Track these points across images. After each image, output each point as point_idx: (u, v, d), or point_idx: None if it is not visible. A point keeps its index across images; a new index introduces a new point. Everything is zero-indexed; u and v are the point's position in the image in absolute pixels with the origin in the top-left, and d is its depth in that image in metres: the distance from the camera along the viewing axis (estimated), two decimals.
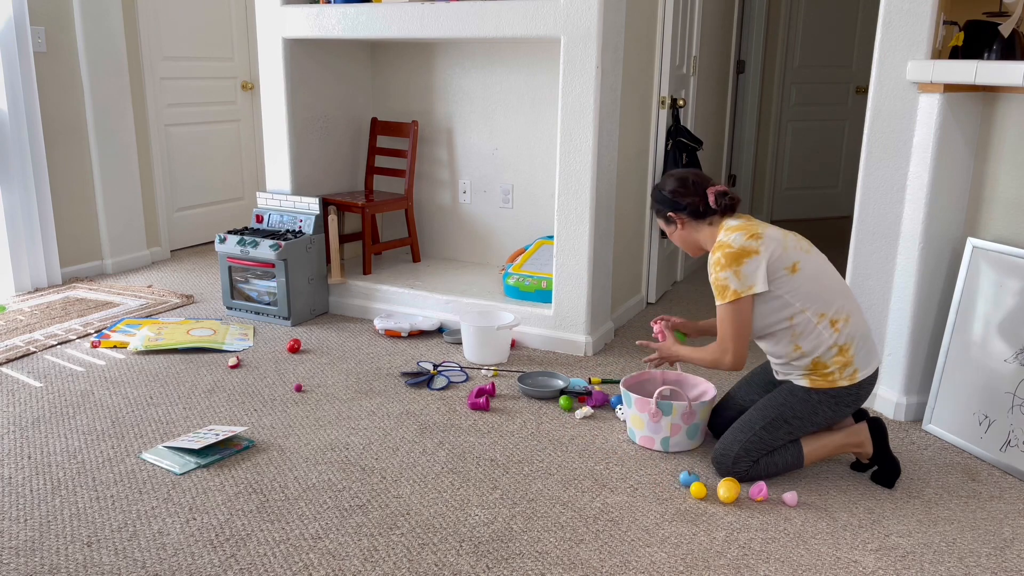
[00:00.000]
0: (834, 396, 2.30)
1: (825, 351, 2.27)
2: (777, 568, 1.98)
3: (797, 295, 2.26)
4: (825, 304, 2.27)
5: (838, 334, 2.27)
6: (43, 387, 3.01)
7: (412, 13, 3.42)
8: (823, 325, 2.27)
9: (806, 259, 2.29)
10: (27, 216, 4.15)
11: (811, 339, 2.28)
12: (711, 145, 4.96)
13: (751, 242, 2.26)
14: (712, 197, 2.36)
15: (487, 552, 2.03)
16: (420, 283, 3.86)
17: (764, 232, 2.29)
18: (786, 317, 2.27)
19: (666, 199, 2.42)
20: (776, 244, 2.27)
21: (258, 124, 5.57)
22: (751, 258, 2.24)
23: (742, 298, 2.25)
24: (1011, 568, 2.00)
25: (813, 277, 2.28)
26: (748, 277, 2.24)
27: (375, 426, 2.73)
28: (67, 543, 2.05)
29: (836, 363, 2.28)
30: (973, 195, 2.68)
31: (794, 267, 2.26)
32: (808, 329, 2.27)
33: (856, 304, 2.34)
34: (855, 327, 2.29)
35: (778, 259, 2.26)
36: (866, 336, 2.32)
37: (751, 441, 2.34)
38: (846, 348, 2.28)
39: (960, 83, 2.49)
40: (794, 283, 2.26)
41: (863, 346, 2.30)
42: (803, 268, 2.27)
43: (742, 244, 2.26)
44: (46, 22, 4.20)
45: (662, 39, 3.86)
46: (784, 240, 2.30)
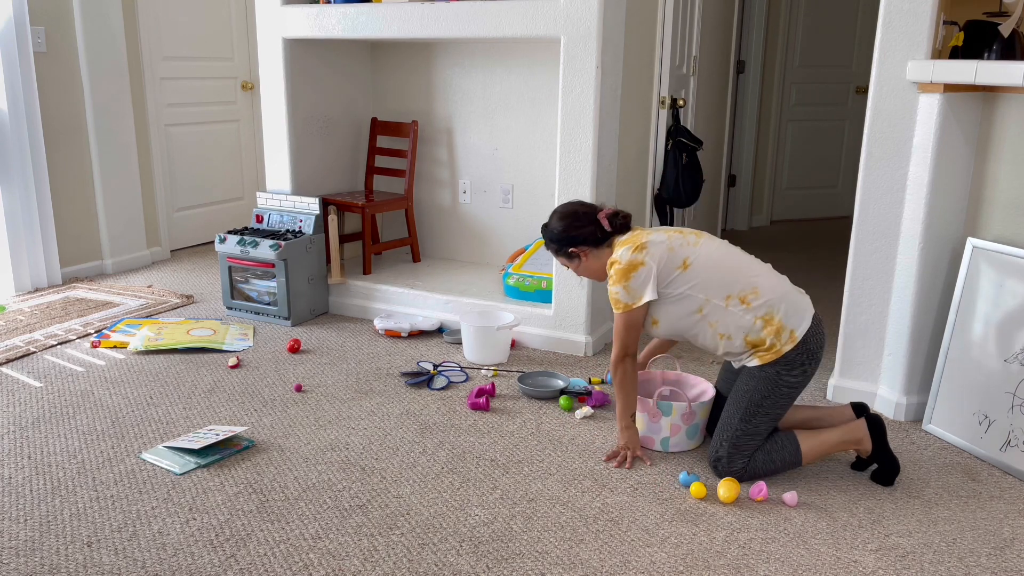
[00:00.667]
0: (787, 363, 2.32)
1: (750, 328, 2.32)
2: (777, 568, 1.98)
3: (696, 288, 2.34)
4: (727, 287, 2.33)
5: (752, 308, 2.31)
6: (43, 387, 3.01)
7: (412, 13, 3.42)
8: (733, 306, 2.32)
9: (695, 252, 2.37)
10: (27, 216, 4.15)
11: (729, 323, 2.33)
12: (711, 145, 4.96)
13: (636, 255, 2.35)
14: (605, 222, 2.46)
15: (487, 552, 2.03)
16: (420, 283, 3.86)
17: (648, 240, 2.38)
18: (695, 310, 2.35)
19: (563, 237, 2.49)
20: (661, 248, 2.36)
21: (258, 124, 5.57)
22: (638, 271, 2.35)
23: (634, 308, 2.37)
24: (1011, 568, 2.00)
25: (706, 267, 2.35)
26: (637, 290, 2.35)
27: (375, 426, 2.73)
28: (67, 543, 2.05)
29: (768, 333, 2.31)
30: (973, 195, 2.68)
31: (684, 264, 2.35)
32: (720, 315, 2.33)
33: (764, 272, 2.38)
34: (768, 294, 2.33)
35: (667, 263, 2.35)
36: (784, 296, 2.34)
37: (736, 436, 2.36)
38: (769, 317, 2.31)
39: (960, 83, 2.49)
40: (689, 278, 2.34)
41: (786, 307, 2.32)
42: (694, 262, 2.35)
43: (629, 259, 2.35)
44: (46, 22, 4.20)
45: (662, 39, 3.86)
46: (669, 242, 2.38)
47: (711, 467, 2.42)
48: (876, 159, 2.75)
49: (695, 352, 3.46)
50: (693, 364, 3.32)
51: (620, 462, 2.49)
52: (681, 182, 4.00)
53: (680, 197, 4.02)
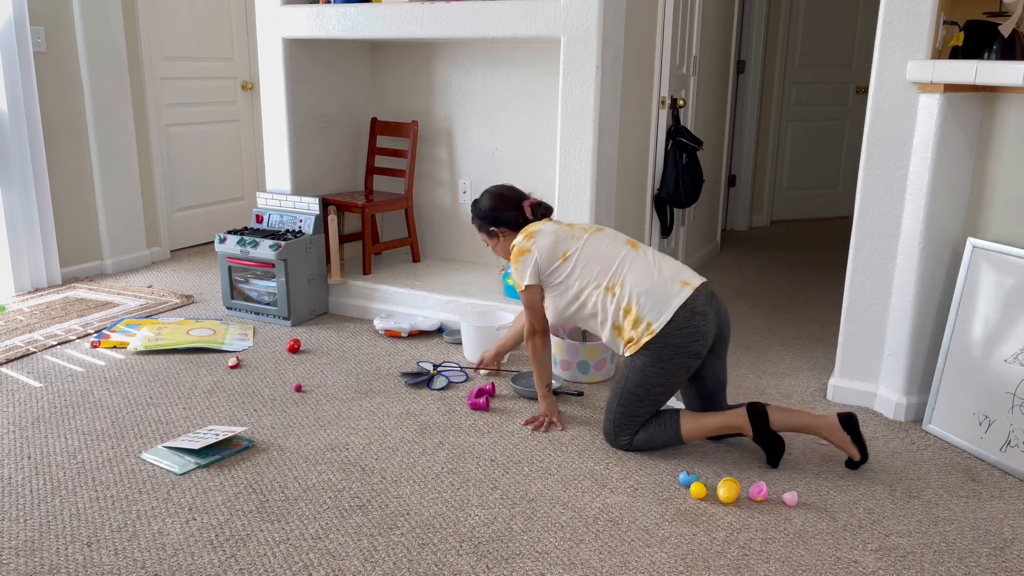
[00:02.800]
0: (650, 354, 2.42)
1: (614, 314, 2.47)
2: (777, 568, 1.98)
3: (574, 277, 2.53)
4: (599, 278, 2.50)
5: (615, 297, 2.47)
6: (43, 387, 3.01)
7: (412, 13, 3.42)
8: (603, 295, 2.49)
9: (576, 245, 2.56)
10: (27, 216, 4.15)
11: (600, 310, 2.50)
12: (711, 145, 4.96)
13: (525, 242, 2.60)
14: (528, 210, 2.70)
15: (487, 552, 2.03)
16: (420, 283, 3.86)
17: (537, 230, 2.60)
18: (573, 297, 2.54)
19: (489, 216, 2.73)
20: (546, 239, 2.57)
21: (258, 124, 5.57)
22: (524, 256, 2.58)
23: (522, 290, 2.60)
24: (1011, 568, 2.00)
25: (584, 260, 2.53)
26: (522, 273, 2.59)
27: (375, 426, 2.73)
28: (67, 543, 2.05)
29: (628, 322, 2.45)
30: (973, 195, 2.68)
31: (564, 256, 2.55)
32: (593, 302, 2.51)
33: (638, 266, 2.49)
34: (632, 287, 2.45)
35: (549, 254, 2.56)
36: (649, 291, 2.44)
37: (618, 418, 2.53)
38: (628, 308, 2.45)
39: (960, 83, 2.49)
40: (568, 269, 2.54)
41: (647, 300, 2.43)
42: (573, 255, 2.54)
43: (520, 245, 2.61)
44: (46, 22, 4.20)
45: (662, 39, 3.86)
46: (556, 234, 2.58)
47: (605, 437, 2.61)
48: (876, 159, 2.75)
49: None
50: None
51: (537, 426, 2.71)
52: (681, 182, 4.00)
53: (680, 197, 4.02)
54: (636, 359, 2.45)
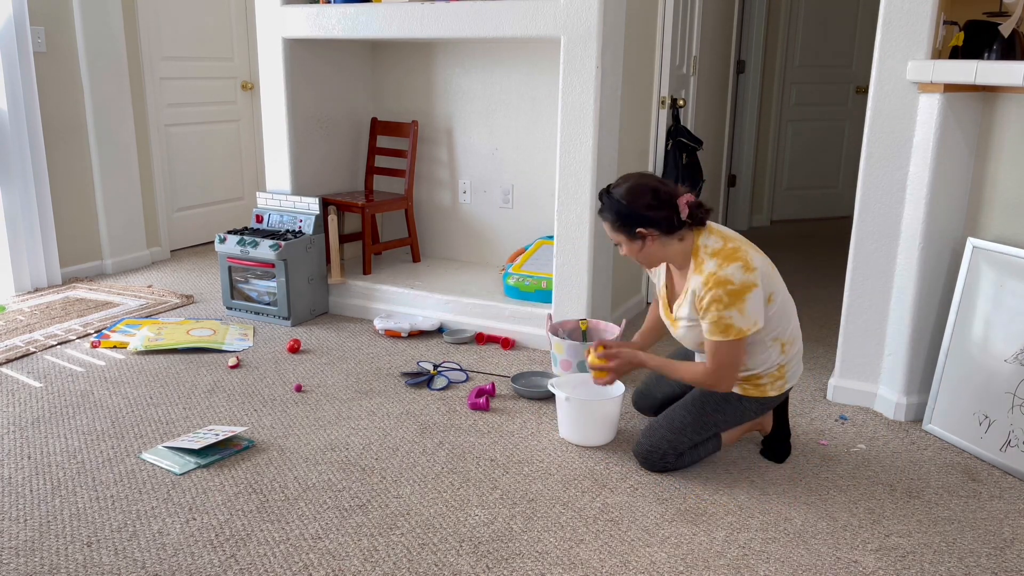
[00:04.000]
0: (762, 403, 2.39)
1: (766, 368, 2.33)
2: (777, 568, 1.98)
3: (769, 323, 2.25)
4: (781, 328, 2.30)
5: (785, 356, 2.33)
6: (43, 387, 3.01)
7: (412, 13, 3.42)
8: (774, 347, 2.30)
9: (779, 287, 2.29)
10: (27, 216, 4.15)
11: (759, 357, 2.31)
12: (711, 145, 4.96)
13: (749, 276, 2.17)
14: (685, 209, 2.21)
15: (487, 552, 2.03)
16: (420, 283, 3.86)
17: (752, 262, 2.20)
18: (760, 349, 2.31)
19: (633, 214, 2.20)
20: (762, 275, 2.22)
21: (258, 124, 5.57)
22: (751, 293, 2.16)
23: (747, 334, 2.18)
24: (1011, 568, 2.00)
25: (781, 305, 2.28)
26: (751, 315, 2.16)
27: (375, 426, 2.73)
28: (67, 543, 2.05)
29: (770, 378, 2.35)
30: (973, 195, 2.68)
31: (771, 297, 2.24)
32: (759, 348, 2.29)
33: (797, 322, 2.40)
34: (797, 347, 2.37)
35: (764, 288, 2.22)
36: (800, 352, 2.41)
37: (680, 440, 2.36)
38: (784, 367, 2.36)
39: (960, 83, 2.49)
40: (767, 312, 2.23)
41: (797, 364, 2.41)
42: (776, 297, 2.27)
43: (743, 280, 2.16)
44: (46, 22, 4.20)
45: (662, 39, 3.86)
46: (764, 267, 2.26)
47: (639, 457, 2.41)
48: (876, 159, 2.75)
49: None
50: None
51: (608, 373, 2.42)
52: (681, 182, 4.00)
53: None
54: (743, 400, 2.35)
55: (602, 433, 2.57)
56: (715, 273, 2.17)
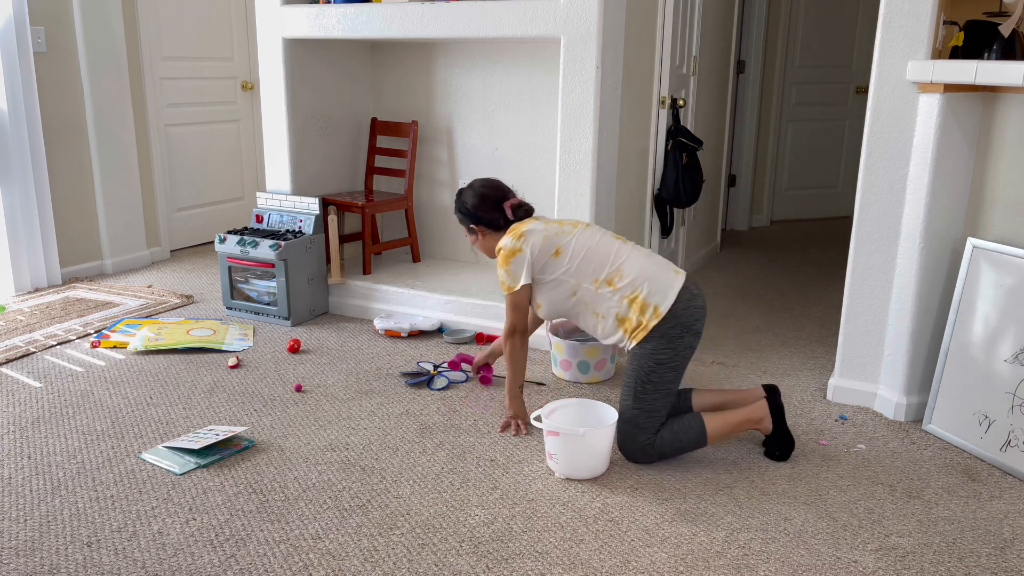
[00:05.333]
0: (659, 336, 2.44)
1: (618, 307, 2.49)
2: (777, 568, 1.98)
3: (568, 273, 2.54)
4: (595, 272, 2.52)
5: (617, 289, 2.49)
6: (43, 387, 3.01)
7: (412, 13, 3.42)
8: (602, 289, 2.51)
9: (568, 240, 2.56)
10: (27, 216, 4.15)
11: (600, 304, 2.52)
12: (711, 145, 4.96)
13: (516, 242, 2.58)
14: (509, 211, 2.69)
15: (487, 552, 2.03)
16: (420, 283, 3.86)
17: (527, 229, 2.59)
18: (569, 294, 2.56)
19: (470, 214, 2.73)
20: (537, 237, 2.57)
21: (258, 124, 5.57)
22: (516, 257, 2.57)
23: (516, 290, 2.59)
24: (1011, 568, 2.00)
25: (577, 254, 2.54)
26: (515, 274, 2.58)
27: (375, 426, 2.73)
28: (67, 543, 2.05)
29: (634, 310, 2.47)
30: (973, 195, 2.68)
31: (557, 252, 2.55)
32: (592, 298, 2.53)
33: (631, 256, 2.53)
34: (631, 275, 2.49)
35: (541, 251, 2.56)
36: (649, 276, 2.49)
37: (634, 416, 2.47)
38: (634, 296, 2.47)
39: (960, 83, 2.49)
40: (560, 264, 2.55)
41: (649, 285, 2.47)
42: (565, 250, 2.55)
43: (510, 246, 2.59)
44: (46, 22, 4.20)
45: (662, 39, 3.86)
46: (546, 231, 2.59)
47: (622, 451, 2.52)
48: (876, 159, 2.75)
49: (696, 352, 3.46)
50: (693, 364, 3.32)
51: (516, 431, 2.70)
52: (681, 182, 4.00)
53: (680, 197, 4.02)
54: (644, 346, 2.45)
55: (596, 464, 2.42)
56: (500, 244, 2.65)
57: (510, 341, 2.66)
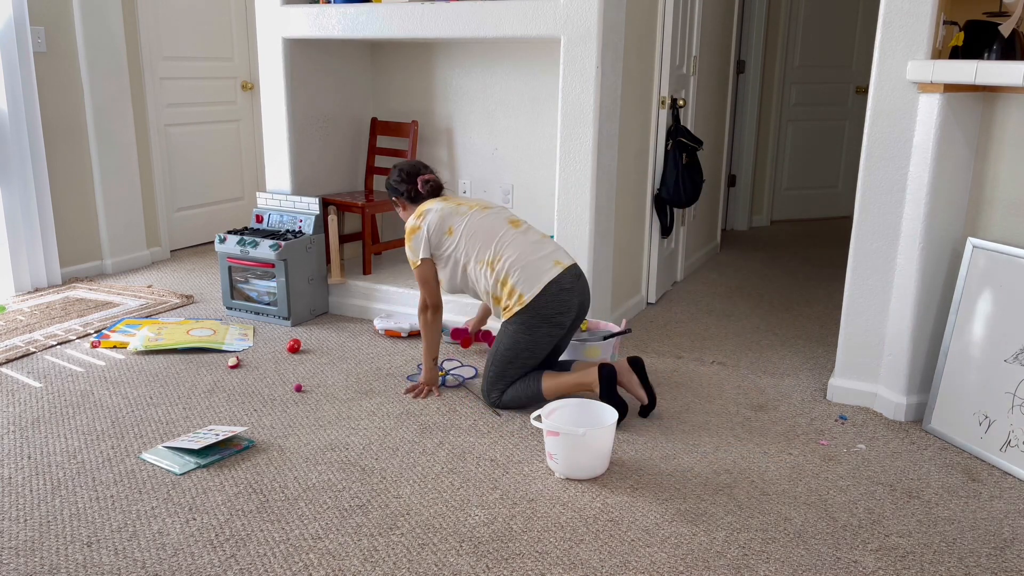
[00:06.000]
0: (521, 321, 2.70)
1: (493, 286, 2.75)
2: (777, 568, 1.98)
3: (459, 251, 2.80)
4: (482, 251, 2.76)
5: (494, 272, 2.73)
6: (43, 387, 3.01)
7: (412, 13, 3.42)
8: (483, 269, 2.76)
9: (460, 221, 2.81)
10: (27, 216, 4.15)
11: (480, 283, 2.79)
12: (711, 145, 4.96)
13: (415, 220, 2.86)
14: (420, 184, 2.97)
15: (487, 552, 2.03)
16: None
17: (426, 208, 2.87)
18: (460, 271, 2.82)
19: (390, 187, 3.03)
20: (434, 216, 2.84)
21: (258, 124, 5.57)
22: (416, 234, 2.85)
23: (418, 264, 2.85)
24: (1011, 568, 2.00)
25: (466, 234, 2.79)
26: (415, 249, 2.85)
27: (375, 426, 2.73)
28: (67, 543, 2.05)
29: (504, 292, 2.72)
30: (973, 195, 2.68)
31: (450, 231, 2.81)
32: (475, 275, 2.79)
33: (516, 242, 2.74)
34: (510, 262, 2.71)
35: (436, 228, 2.82)
36: (524, 267, 2.70)
37: (491, 377, 2.80)
38: (505, 280, 2.71)
39: (960, 83, 2.49)
40: (453, 243, 2.81)
41: (522, 275, 2.69)
42: (458, 230, 2.81)
43: (411, 223, 2.87)
44: (46, 22, 4.20)
45: (662, 39, 3.86)
46: (443, 210, 2.84)
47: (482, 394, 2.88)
48: (876, 159, 2.75)
49: (695, 352, 3.46)
50: (693, 364, 3.32)
51: (416, 394, 2.95)
52: (681, 182, 4.00)
53: (680, 197, 4.02)
54: (509, 325, 2.73)
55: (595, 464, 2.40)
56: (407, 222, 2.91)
57: (422, 317, 2.90)
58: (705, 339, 3.64)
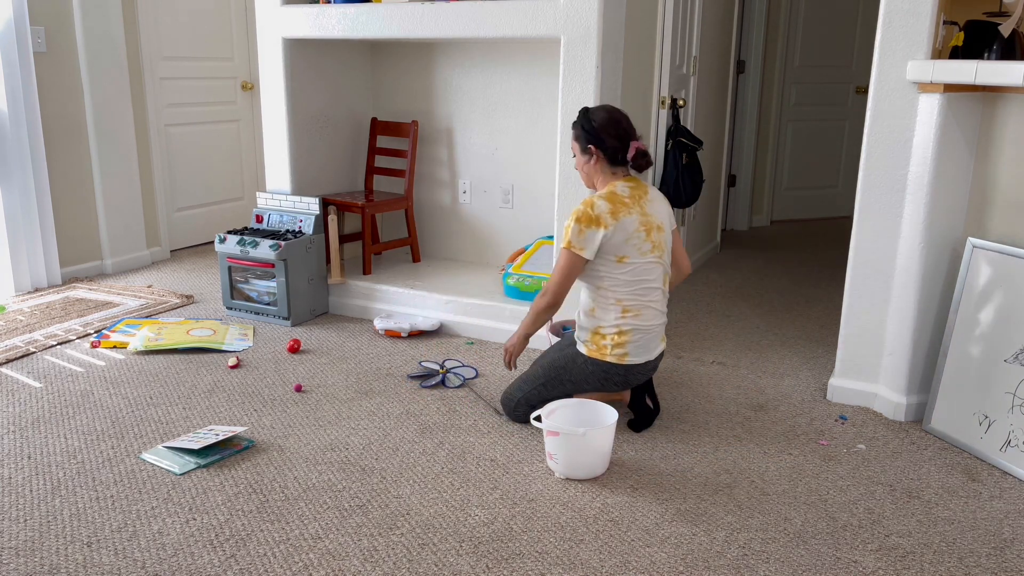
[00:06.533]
0: (604, 369, 2.58)
1: (608, 325, 2.55)
2: (777, 568, 1.98)
3: (613, 280, 2.53)
4: (630, 297, 2.55)
5: (623, 320, 2.55)
6: (43, 387, 3.01)
7: (412, 13, 3.42)
8: (618, 308, 2.55)
9: (639, 260, 2.53)
10: (27, 216, 4.15)
11: (603, 311, 2.56)
12: (711, 145, 4.96)
13: (607, 217, 2.48)
14: (633, 150, 2.55)
15: (487, 552, 2.03)
16: (420, 283, 3.86)
17: (624, 218, 2.49)
18: (596, 288, 2.57)
19: (593, 132, 2.56)
20: (620, 233, 2.49)
21: (258, 124, 5.57)
22: (593, 228, 2.48)
23: (572, 251, 2.50)
24: (1011, 568, 2.00)
25: (634, 276, 2.53)
26: (583, 242, 2.49)
27: (375, 426, 2.73)
28: (67, 543, 2.05)
29: (612, 339, 2.56)
30: (973, 195, 2.68)
31: (621, 259, 2.52)
32: (605, 303, 2.56)
33: (658, 310, 2.60)
34: (640, 323, 2.56)
35: (614, 245, 2.49)
36: (648, 334, 2.58)
37: (532, 393, 2.67)
38: (624, 333, 2.55)
39: (960, 83, 2.49)
40: (614, 270, 2.52)
41: (640, 341, 2.57)
42: (629, 264, 2.52)
43: (599, 212, 2.48)
44: (46, 22, 4.20)
45: (662, 39, 3.86)
46: (632, 235, 2.50)
47: (501, 401, 2.76)
48: (876, 159, 2.75)
49: (695, 352, 3.46)
50: (693, 364, 3.32)
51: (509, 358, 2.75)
52: (681, 182, 4.00)
53: (680, 197, 4.02)
54: (588, 364, 2.60)
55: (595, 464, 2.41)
56: (593, 197, 2.53)
57: (538, 302, 2.61)
58: (705, 339, 3.64)
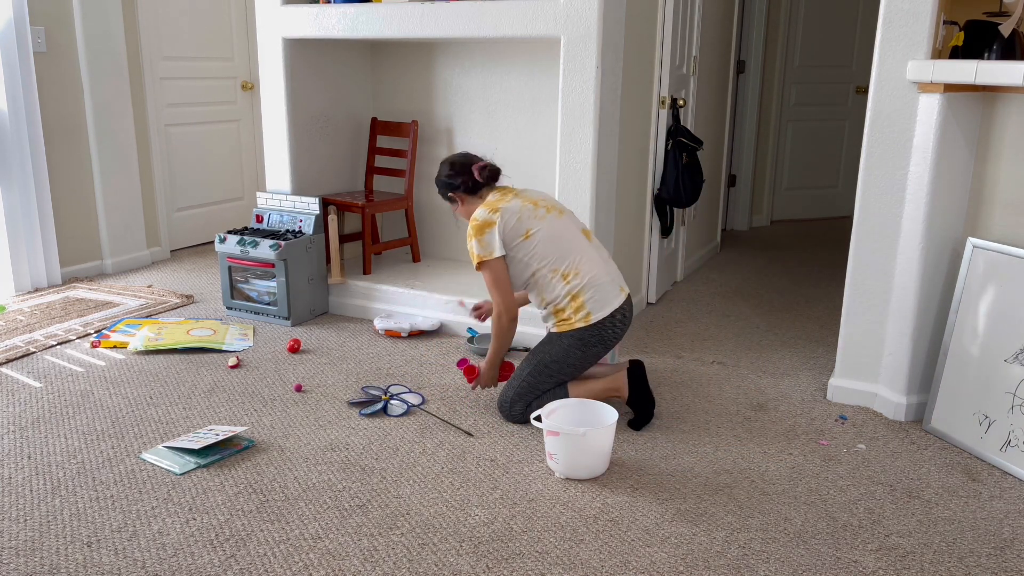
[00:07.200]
0: (578, 337, 2.65)
1: (560, 299, 2.66)
2: (777, 568, 1.98)
3: (533, 257, 2.65)
4: (558, 261, 2.65)
5: (568, 285, 2.64)
6: (43, 387, 3.01)
7: (412, 13, 3.42)
8: (556, 278, 2.65)
9: (540, 225, 2.66)
10: (27, 216, 4.15)
11: (549, 291, 2.67)
12: (711, 145, 4.96)
13: (490, 215, 2.66)
14: (476, 173, 2.76)
15: (487, 552, 2.03)
16: (420, 283, 3.86)
17: (503, 205, 2.67)
18: (529, 275, 2.68)
19: (444, 183, 2.81)
20: (511, 215, 2.65)
21: (258, 124, 5.57)
22: (489, 230, 2.65)
23: (487, 261, 2.66)
24: (1011, 568, 2.00)
25: (546, 240, 2.65)
26: (488, 245, 2.65)
27: (375, 426, 2.73)
28: (67, 543, 2.05)
29: (570, 308, 2.65)
30: (973, 195, 2.68)
31: (527, 234, 2.65)
32: (545, 283, 2.67)
33: (592, 259, 2.68)
34: (585, 278, 2.64)
35: (512, 229, 2.65)
36: (599, 286, 2.66)
37: (521, 387, 2.71)
38: (577, 296, 2.64)
39: (960, 83, 2.49)
40: (528, 247, 2.65)
41: (595, 294, 2.65)
42: (535, 234, 2.65)
43: (483, 217, 2.67)
44: (46, 22, 4.20)
45: (662, 39, 3.86)
46: (521, 211, 2.67)
47: (498, 408, 2.80)
48: (876, 159, 2.75)
49: (695, 352, 3.46)
50: (693, 364, 3.32)
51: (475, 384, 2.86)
52: (681, 182, 4.00)
53: (680, 197, 4.02)
54: (563, 338, 2.67)
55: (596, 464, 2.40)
56: (473, 215, 2.71)
57: (498, 324, 2.73)
58: (705, 339, 3.64)
